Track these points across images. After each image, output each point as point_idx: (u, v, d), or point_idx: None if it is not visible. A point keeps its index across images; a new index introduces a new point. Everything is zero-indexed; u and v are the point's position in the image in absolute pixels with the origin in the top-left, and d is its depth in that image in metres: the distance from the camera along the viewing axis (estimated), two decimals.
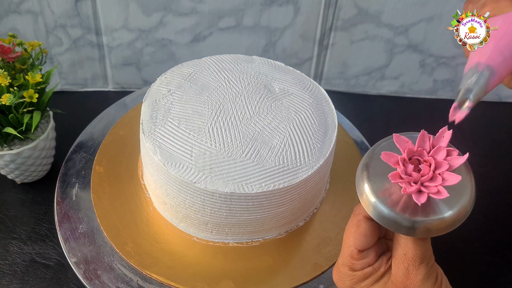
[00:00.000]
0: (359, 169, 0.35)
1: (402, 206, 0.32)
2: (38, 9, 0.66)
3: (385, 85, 0.79)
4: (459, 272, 0.57)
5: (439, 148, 0.33)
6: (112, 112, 0.61)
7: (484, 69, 0.33)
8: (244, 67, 0.54)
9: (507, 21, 0.34)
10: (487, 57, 0.33)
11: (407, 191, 0.32)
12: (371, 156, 0.35)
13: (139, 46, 0.72)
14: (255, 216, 0.45)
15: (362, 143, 0.62)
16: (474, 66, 0.34)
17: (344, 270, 0.36)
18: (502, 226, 0.62)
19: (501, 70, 0.34)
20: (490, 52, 0.33)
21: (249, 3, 0.68)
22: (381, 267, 0.35)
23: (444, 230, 0.32)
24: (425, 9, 0.69)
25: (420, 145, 0.34)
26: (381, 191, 0.33)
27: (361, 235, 0.34)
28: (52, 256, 0.54)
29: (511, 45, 0.34)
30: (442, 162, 0.33)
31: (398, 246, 0.35)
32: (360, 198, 0.34)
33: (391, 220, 0.32)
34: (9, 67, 0.54)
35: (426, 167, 0.33)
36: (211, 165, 0.44)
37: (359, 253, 0.35)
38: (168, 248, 0.48)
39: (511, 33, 0.34)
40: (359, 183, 0.34)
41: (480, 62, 0.33)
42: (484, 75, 0.33)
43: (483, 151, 0.71)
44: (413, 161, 0.33)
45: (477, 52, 0.35)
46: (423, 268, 0.34)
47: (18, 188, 0.60)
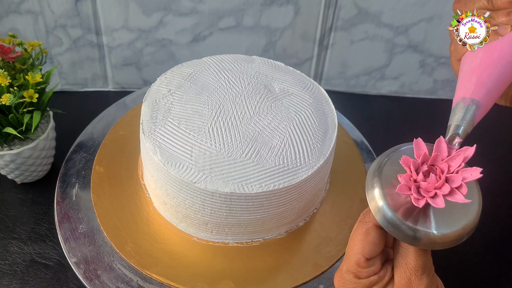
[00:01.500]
0: (369, 174, 0.35)
1: (410, 215, 0.32)
2: (38, 9, 0.66)
3: (385, 85, 0.79)
4: (459, 272, 0.57)
5: (453, 157, 0.33)
6: (112, 112, 0.61)
7: (469, 104, 0.34)
8: (244, 67, 0.54)
9: (488, 52, 0.35)
10: (471, 91, 0.35)
11: (412, 197, 0.32)
12: (383, 162, 0.34)
13: (139, 46, 0.72)
14: (255, 216, 0.45)
15: (362, 143, 0.62)
16: (460, 101, 0.35)
17: (348, 276, 0.35)
18: (502, 226, 0.62)
19: (486, 102, 0.35)
20: (474, 86, 0.35)
21: (249, 3, 0.68)
22: (385, 275, 0.35)
23: (449, 245, 0.32)
24: (425, 9, 0.69)
25: (436, 151, 0.34)
26: (391, 198, 0.33)
27: (370, 243, 0.34)
28: (52, 256, 0.54)
29: (493, 76, 0.35)
30: (455, 176, 0.32)
31: (399, 255, 0.35)
32: (370, 204, 0.33)
33: (397, 228, 0.32)
34: (9, 67, 0.54)
35: (434, 175, 0.33)
36: (211, 165, 0.44)
37: (366, 261, 0.34)
38: (168, 248, 0.48)
39: (492, 64, 0.35)
40: (369, 189, 0.34)
41: (465, 97, 0.35)
42: (470, 110, 0.34)
43: (483, 151, 0.71)
44: (429, 170, 0.33)
45: (461, 86, 0.36)
46: (425, 278, 0.34)
47: (18, 188, 0.60)
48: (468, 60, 0.37)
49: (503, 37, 0.35)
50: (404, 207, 0.32)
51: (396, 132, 0.74)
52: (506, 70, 0.35)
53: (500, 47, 0.35)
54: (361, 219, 0.35)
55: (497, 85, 0.35)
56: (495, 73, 0.35)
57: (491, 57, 0.35)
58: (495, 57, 0.35)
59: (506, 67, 0.35)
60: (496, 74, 0.35)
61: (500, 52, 0.35)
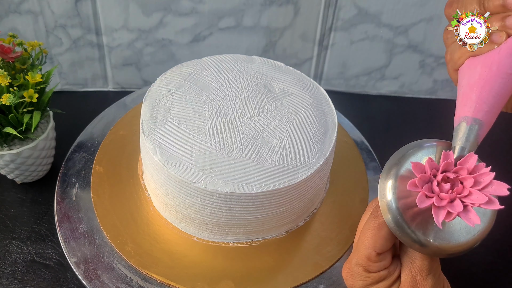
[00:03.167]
0: (383, 174, 0.34)
1: (419, 222, 0.32)
2: (38, 9, 0.66)
3: (385, 85, 0.79)
4: (459, 273, 0.57)
5: (482, 174, 0.32)
6: (112, 112, 0.61)
7: (472, 124, 0.34)
8: (244, 67, 0.54)
9: (486, 65, 0.34)
10: (472, 110, 0.34)
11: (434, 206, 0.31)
12: (397, 163, 0.34)
13: (139, 46, 0.72)
14: (255, 216, 0.45)
15: (362, 143, 0.62)
16: (463, 121, 0.34)
17: (358, 270, 0.35)
18: (502, 226, 0.62)
19: (488, 119, 0.34)
20: (475, 104, 0.34)
21: (249, 3, 0.68)
22: (395, 271, 0.35)
23: (456, 254, 0.32)
24: (425, 9, 0.69)
25: (464, 161, 0.33)
26: (402, 201, 0.32)
27: (382, 238, 0.34)
28: (52, 256, 0.54)
29: (494, 91, 0.34)
30: (476, 192, 0.32)
31: (405, 255, 0.35)
32: (380, 202, 0.33)
33: (406, 235, 0.32)
34: (9, 67, 0.54)
35: (459, 185, 0.32)
36: (211, 165, 0.44)
37: (378, 256, 0.34)
38: (168, 248, 0.48)
39: (491, 78, 0.34)
40: (383, 189, 0.33)
41: (467, 117, 0.34)
42: (474, 130, 0.34)
43: (483, 151, 0.71)
44: (445, 176, 0.33)
45: (462, 105, 0.35)
46: (430, 279, 0.34)
47: (18, 188, 0.60)
48: (466, 74, 0.35)
49: (500, 48, 0.34)
50: (414, 213, 0.32)
51: (396, 132, 0.74)
52: (507, 83, 0.34)
53: (498, 60, 0.34)
54: (373, 212, 0.35)
55: (498, 100, 0.34)
56: (495, 88, 0.34)
57: (490, 71, 0.34)
58: (494, 71, 0.34)
59: (506, 80, 0.34)
60: (497, 88, 0.34)
61: (499, 65, 0.34)
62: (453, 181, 0.32)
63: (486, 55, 0.34)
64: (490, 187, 0.32)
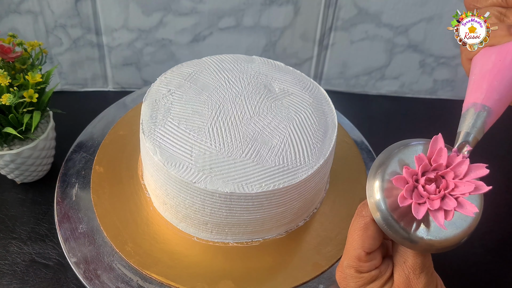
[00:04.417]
0: (371, 173, 0.34)
1: (409, 220, 0.32)
2: (38, 9, 0.66)
3: (385, 85, 0.79)
4: (459, 273, 0.57)
5: (460, 162, 0.32)
6: (112, 112, 0.61)
7: (481, 110, 0.33)
8: (244, 67, 0.54)
9: (501, 55, 0.34)
10: (483, 97, 0.33)
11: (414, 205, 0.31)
12: (384, 162, 0.34)
13: (139, 46, 0.72)
14: (255, 216, 0.45)
15: (362, 143, 0.62)
16: (471, 107, 0.34)
17: (350, 271, 0.35)
18: (502, 226, 0.62)
19: (497, 108, 0.34)
20: (486, 91, 0.33)
21: (249, 3, 0.68)
22: (387, 271, 0.35)
23: (447, 249, 0.32)
24: (425, 9, 0.69)
25: (436, 157, 0.33)
26: (390, 200, 0.32)
27: (370, 238, 0.34)
28: (52, 256, 0.54)
29: (505, 81, 0.33)
30: (462, 183, 0.32)
31: (397, 254, 0.35)
32: (369, 201, 0.33)
33: (395, 232, 0.32)
34: (9, 67, 0.54)
35: (441, 183, 0.32)
36: (211, 165, 0.44)
37: (367, 255, 0.34)
38: (168, 248, 0.48)
39: (505, 68, 0.34)
40: (370, 188, 0.33)
41: (477, 103, 0.33)
42: (482, 117, 0.33)
43: (483, 151, 0.71)
44: (429, 176, 0.33)
45: (472, 91, 0.34)
46: (423, 277, 0.34)
47: (18, 188, 0.60)
48: (480, 63, 0.35)
49: None
50: (402, 211, 0.32)
51: (396, 132, 0.74)
52: None
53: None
54: (358, 212, 0.35)
55: (509, 91, 0.34)
56: (507, 78, 0.33)
57: (504, 61, 0.34)
58: (508, 61, 0.34)
59: None
60: (509, 79, 0.33)
61: None
62: (435, 179, 0.32)
63: (503, 45, 0.34)
64: (470, 173, 0.32)
